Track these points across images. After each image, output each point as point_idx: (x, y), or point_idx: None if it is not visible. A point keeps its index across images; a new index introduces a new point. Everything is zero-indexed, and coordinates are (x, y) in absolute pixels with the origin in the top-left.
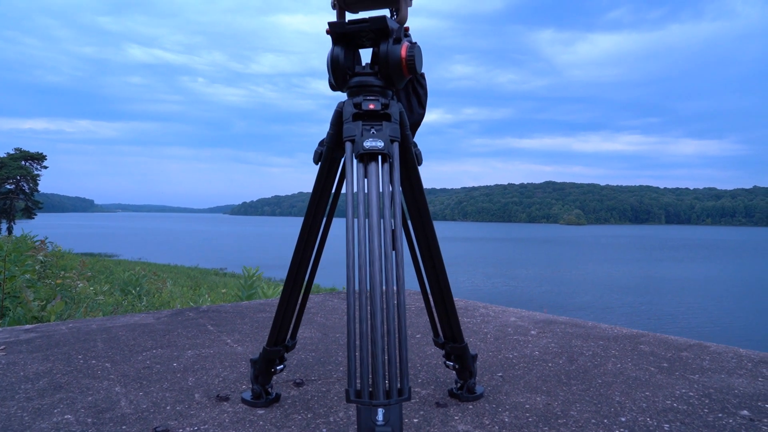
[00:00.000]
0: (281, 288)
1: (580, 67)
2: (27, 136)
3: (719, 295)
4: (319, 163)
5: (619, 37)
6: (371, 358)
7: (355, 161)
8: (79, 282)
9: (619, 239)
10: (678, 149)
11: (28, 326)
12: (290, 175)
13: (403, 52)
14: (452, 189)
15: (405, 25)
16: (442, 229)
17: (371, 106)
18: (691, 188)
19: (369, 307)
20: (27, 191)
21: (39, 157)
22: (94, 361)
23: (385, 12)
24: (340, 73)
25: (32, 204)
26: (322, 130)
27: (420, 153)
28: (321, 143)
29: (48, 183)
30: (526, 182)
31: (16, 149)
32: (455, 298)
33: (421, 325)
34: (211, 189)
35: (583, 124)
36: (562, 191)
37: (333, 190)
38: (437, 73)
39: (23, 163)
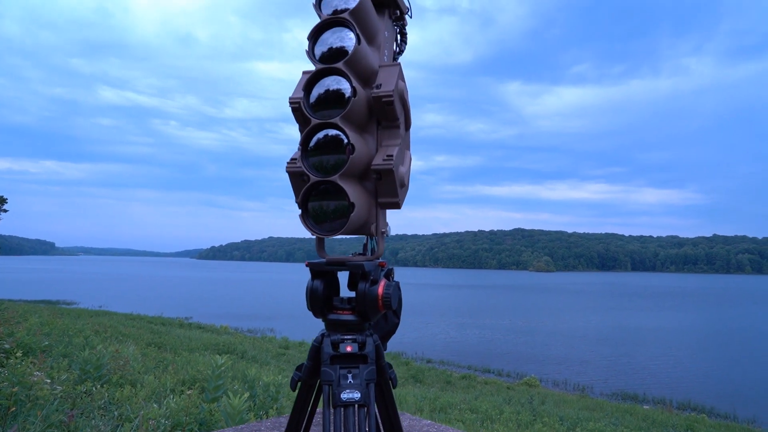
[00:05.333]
0: (247, 395)
1: (547, 118)
2: None
3: (690, 347)
4: (298, 387)
5: (582, 90)
6: None
7: (332, 408)
8: (36, 372)
9: (588, 286)
10: (641, 198)
11: None
12: (261, 219)
13: (380, 290)
14: (423, 235)
15: (382, 260)
16: (413, 276)
17: (348, 349)
18: (655, 236)
19: None
20: None
21: None
22: None
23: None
24: (318, 305)
25: None
26: None
27: (395, 376)
28: (299, 368)
29: (7, 224)
30: (496, 229)
31: None
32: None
33: None
34: (179, 232)
35: (551, 173)
36: (531, 238)
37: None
38: None
39: None
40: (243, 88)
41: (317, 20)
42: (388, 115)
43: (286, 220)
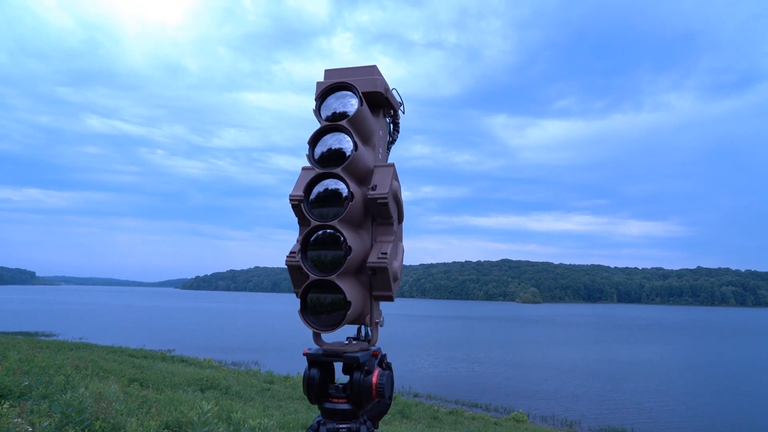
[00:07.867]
0: None
1: (532, 151)
2: None
3: (679, 380)
4: None
5: (567, 123)
6: None
7: None
8: (17, 418)
9: (575, 318)
10: (626, 230)
11: None
12: (247, 249)
13: (374, 380)
14: (411, 266)
15: (375, 349)
16: (401, 307)
17: None
18: (640, 268)
19: None
20: None
21: None
22: None
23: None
24: (314, 393)
25: None
26: (281, 204)
27: None
28: None
29: None
30: (483, 260)
31: None
32: None
33: None
34: (164, 262)
35: (537, 204)
36: (517, 269)
37: None
38: (397, 153)
39: None
40: (231, 118)
41: (305, 54)
42: (382, 213)
43: (272, 250)
